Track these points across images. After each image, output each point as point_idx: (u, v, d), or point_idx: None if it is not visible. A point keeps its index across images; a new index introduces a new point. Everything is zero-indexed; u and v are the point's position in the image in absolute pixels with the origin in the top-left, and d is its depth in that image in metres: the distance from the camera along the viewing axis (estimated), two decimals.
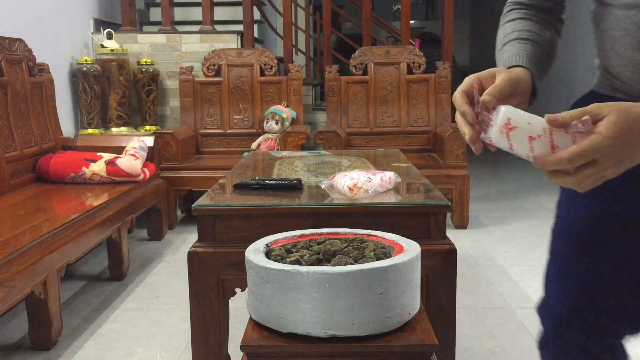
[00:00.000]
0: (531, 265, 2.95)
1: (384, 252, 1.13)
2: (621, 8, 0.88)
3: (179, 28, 4.42)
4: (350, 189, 1.57)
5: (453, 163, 3.56)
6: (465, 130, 0.80)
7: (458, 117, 0.82)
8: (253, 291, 1.10)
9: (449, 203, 1.55)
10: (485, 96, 0.78)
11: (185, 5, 4.87)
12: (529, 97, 0.88)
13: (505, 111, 0.75)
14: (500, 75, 0.83)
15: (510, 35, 0.96)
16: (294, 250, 1.17)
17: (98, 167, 2.92)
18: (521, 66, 0.89)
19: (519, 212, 4.03)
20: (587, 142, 0.70)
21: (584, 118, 0.71)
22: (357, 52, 4.12)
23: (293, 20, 5.01)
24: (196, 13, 4.66)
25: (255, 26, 4.83)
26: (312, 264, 1.08)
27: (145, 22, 4.90)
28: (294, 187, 1.70)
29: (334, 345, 1.03)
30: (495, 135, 0.75)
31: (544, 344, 1.08)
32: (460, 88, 0.83)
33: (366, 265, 1.03)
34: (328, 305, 1.01)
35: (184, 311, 2.38)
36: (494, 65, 0.92)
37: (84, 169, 2.91)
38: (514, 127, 0.74)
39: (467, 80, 0.83)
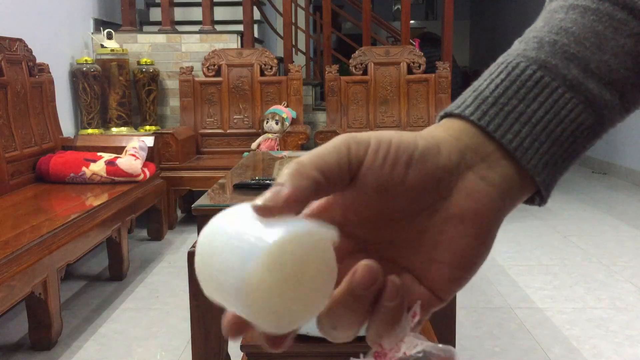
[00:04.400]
0: (531, 265, 2.95)
1: None
2: None
3: (179, 28, 4.42)
4: None
5: None
6: None
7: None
8: None
9: None
10: None
11: (185, 5, 4.87)
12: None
13: None
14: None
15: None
16: None
17: (98, 167, 2.92)
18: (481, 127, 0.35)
19: (519, 212, 4.03)
20: None
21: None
22: (357, 52, 4.12)
23: (293, 20, 5.01)
24: (196, 13, 4.66)
25: (255, 26, 4.83)
26: None
27: (145, 22, 4.90)
28: None
29: (334, 345, 1.03)
30: None
31: None
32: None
33: None
34: None
35: (184, 311, 2.38)
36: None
37: (84, 169, 2.91)
38: None
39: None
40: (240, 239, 0.30)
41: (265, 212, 0.31)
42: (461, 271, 0.35)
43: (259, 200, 0.31)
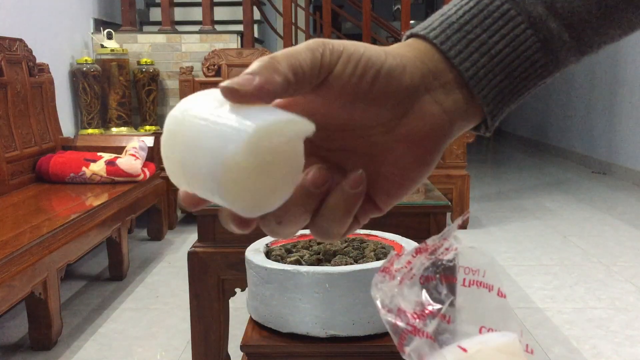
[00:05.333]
0: (531, 265, 2.95)
1: (383, 252, 1.13)
2: None
3: (179, 28, 4.42)
4: None
5: (453, 163, 3.56)
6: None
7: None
8: (253, 291, 1.10)
9: (449, 203, 1.55)
10: None
11: (185, 5, 4.87)
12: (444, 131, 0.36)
13: None
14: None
15: None
16: (294, 250, 1.17)
17: (98, 167, 2.92)
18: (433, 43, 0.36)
19: (519, 212, 4.03)
20: None
21: None
22: None
23: (293, 20, 5.00)
24: (196, 13, 4.66)
25: (255, 26, 4.83)
26: (312, 264, 1.08)
27: (145, 22, 4.90)
28: None
29: (334, 345, 1.03)
30: None
31: None
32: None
33: (366, 265, 1.03)
34: (328, 305, 1.01)
35: (184, 311, 2.38)
36: None
37: (84, 169, 2.91)
38: None
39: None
40: (219, 122, 0.30)
41: (234, 96, 0.31)
42: (400, 188, 0.37)
43: (227, 82, 0.31)
